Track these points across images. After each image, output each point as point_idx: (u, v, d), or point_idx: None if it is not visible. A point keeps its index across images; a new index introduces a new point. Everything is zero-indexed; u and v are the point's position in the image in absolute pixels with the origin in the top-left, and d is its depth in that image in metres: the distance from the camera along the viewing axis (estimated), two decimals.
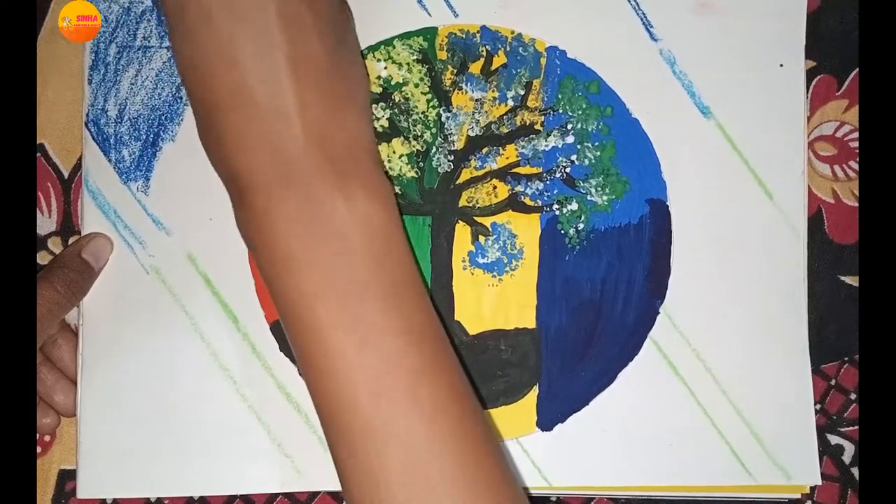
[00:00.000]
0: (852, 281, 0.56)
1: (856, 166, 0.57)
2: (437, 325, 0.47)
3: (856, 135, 0.57)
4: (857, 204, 0.56)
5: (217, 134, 0.45)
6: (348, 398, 0.44)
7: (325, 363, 0.45)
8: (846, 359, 0.56)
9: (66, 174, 0.58)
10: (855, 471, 0.56)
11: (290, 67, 0.44)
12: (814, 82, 0.57)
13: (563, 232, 0.55)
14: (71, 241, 0.57)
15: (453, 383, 0.46)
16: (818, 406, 0.56)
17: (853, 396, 0.56)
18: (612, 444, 0.55)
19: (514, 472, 0.50)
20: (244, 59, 0.44)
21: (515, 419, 0.55)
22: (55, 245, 0.58)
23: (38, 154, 0.58)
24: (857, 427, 0.56)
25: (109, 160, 0.56)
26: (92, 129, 0.56)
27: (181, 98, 0.56)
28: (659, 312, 0.55)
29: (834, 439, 0.56)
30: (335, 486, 0.54)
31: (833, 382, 0.56)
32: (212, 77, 0.44)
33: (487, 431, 0.47)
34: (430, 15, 0.56)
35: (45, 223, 0.58)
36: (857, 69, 0.56)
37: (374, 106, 0.56)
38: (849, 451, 0.56)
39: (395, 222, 0.47)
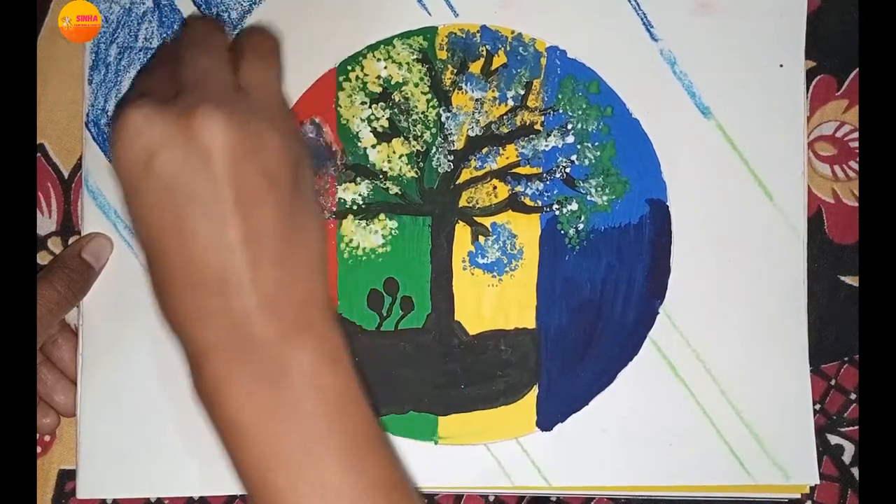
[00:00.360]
0: (852, 281, 0.56)
1: (856, 166, 0.57)
2: (400, 474, 0.47)
3: (856, 135, 0.57)
4: (857, 204, 0.56)
5: (172, 304, 0.45)
6: None
7: None
8: (846, 359, 0.56)
9: (66, 174, 0.58)
10: (855, 471, 0.56)
11: (244, 243, 0.44)
12: (814, 82, 0.57)
13: (562, 232, 0.55)
14: (71, 241, 0.57)
15: None
16: (818, 406, 0.56)
17: (853, 396, 0.56)
18: (612, 444, 0.55)
19: None
20: (199, 237, 0.43)
21: (515, 419, 0.55)
22: (55, 245, 0.58)
23: (39, 154, 0.58)
24: (857, 427, 0.56)
25: (110, 160, 0.56)
26: (92, 130, 0.56)
27: None
28: (658, 312, 0.55)
29: (834, 439, 0.56)
30: None
31: (833, 382, 0.56)
32: (167, 251, 0.44)
33: None
34: (430, 14, 0.56)
35: (45, 223, 0.58)
36: (857, 69, 0.56)
37: (373, 105, 0.56)
38: (849, 451, 0.56)
39: (346, 379, 0.47)
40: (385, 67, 0.56)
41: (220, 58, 0.48)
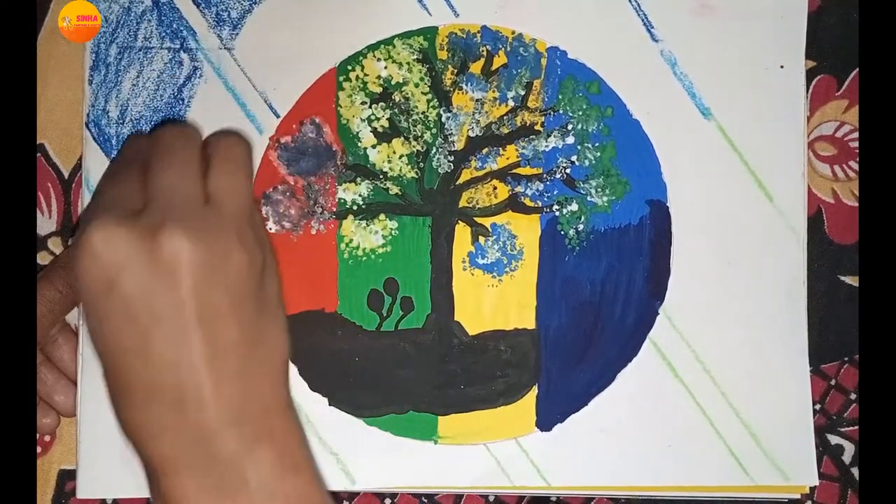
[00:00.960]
0: (852, 281, 0.56)
1: (856, 166, 0.57)
2: None
3: (856, 135, 0.57)
4: (857, 204, 0.56)
5: (130, 418, 0.45)
6: None
7: None
8: (846, 359, 0.57)
9: (66, 174, 0.58)
10: (855, 471, 0.56)
11: (207, 362, 0.43)
12: (814, 82, 0.57)
13: (562, 233, 0.55)
14: (71, 241, 0.57)
15: None
16: (818, 406, 0.56)
17: (853, 396, 0.56)
18: (611, 445, 0.55)
19: None
20: (159, 356, 0.43)
21: (515, 419, 0.55)
22: (55, 245, 0.57)
23: (39, 154, 0.57)
24: (857, 427, 0.56)
25: (110, 160, 0.56)
26: (93, 130, 0.56)
27: (182, 99, 0.56)
28: (658, 313, 0.55)
29: (834, 439, 0.56)
30: (335, 485, 0.54)
31: (833, 382, 0.56)
32: (127, 370, 0.44)
33: None
34: (430, 14, 0.56)
35: (45, 223, 0.58)
36: (857, 69, 0.56)
37: (374, 106, 0.56)
38: (849, 451, 0.56)
39: (308, 486, 0.46)
40: (385, 67, 0.56)
41: (189, 170, 0.47)
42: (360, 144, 0.56)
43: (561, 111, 0.55)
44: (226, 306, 0.44)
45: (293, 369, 0.55)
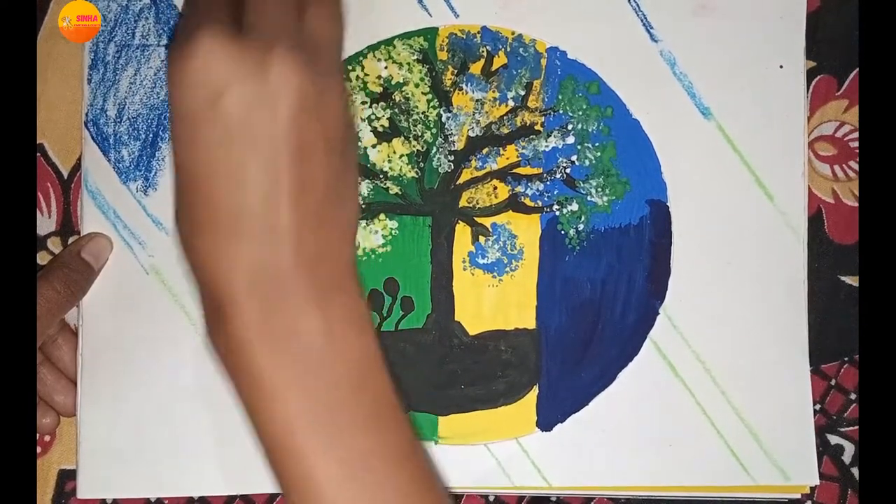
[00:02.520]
0: (852, 281, 0.56)
1: (856, 166, 0.57)
2: (418, 446, 0.47)
3: (856, 135, 0.57)
4: (857, 204, 0.56)
5: (207, 249, 0.44)
6: None
7: (310, 490, 0.44)
8: (846, 359, 0.57)
9: (65, 174, 0.58)
10: (855, 471, 0.56)
11: (292, 195, 0.43)
12: (814, 82, 0.57)
13: (563, 232, 0.55)
14: (71, 241, 0.57)
15: (438, 501, 0.47)
16: (818, 406, 0.56)
17: (853, 396, 0.56)
18: (612, 445, 0.55)
19: None
20: (251, 184, 0.42)
21: (515, 419, 0.55)
22: (55, 245, 0.57)
23: (38, 154, 0.57)
24: (857, 427, 0.56)
25: (109, 160, 0.56)
26: (91, 129, 0.56)
27: None
28: (659, 313, 0.55)
29: (834, 439, 0.56)
30: None
31: (833, 382, 0.56)
32: (213, 193, 0.43)
33: None
34: (430, 15, 0.56)
35: (45, 223, 0.58)
36: (857, 69, 0.56)
37: (374, 105, 0.56)
38: (849, 451, 0.56)
39: (372, 349, 0.46)
40: (385, 67, 0.56)
41: (289, 4, 0.46)
42: (360, 144, 0.56)
43: (561, 111, 0.55)
44: (319, 146, 0.44)
45: None
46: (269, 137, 0.42)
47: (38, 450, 0.57)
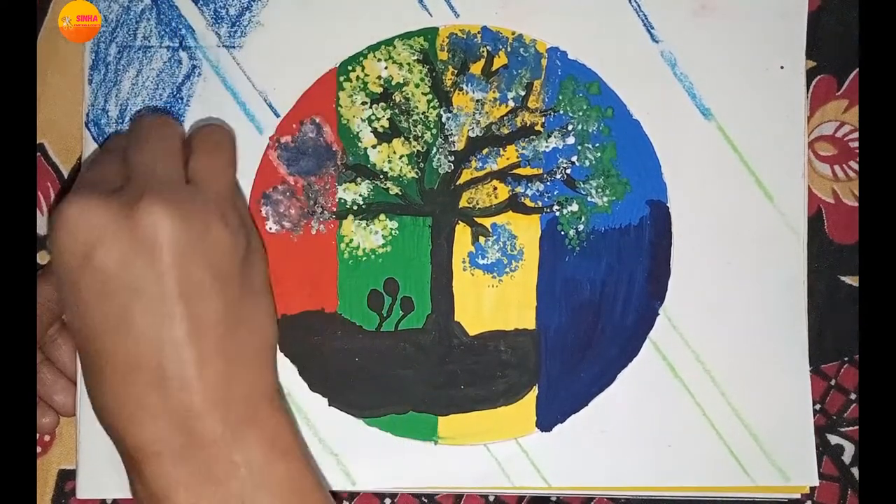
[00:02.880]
0: (852, 281, 0.56)
1: (856, 166, 0.57)
2: None
3: (856, 135, 0.57)
4: (857, 204, 0.56)
5: (109, 402, 0.44)
6: None
7: None
8: (846, 359, 0.56)
9: (65, 174, 0.58)
10: (855, 471, 0.56)
11: (188, 336, 0.43)
12: (814, 82, 0.57)
13: (563, 233, 0.55)
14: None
15: None
16: (818, 406, 0.56)
17: (853, 396, 0.56)
18: (612, 445, 0.55)
19: None
20: (140, 331, 0.43)
21: (515, 420, 0.55)
22: None
23: (38, 154, 0.57)
24: (857, 427, 0.56)
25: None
26: (93, 130, 0.56)
27: (182, 98, 0.56)
28: (658, 314, 0.55)
29: (834, 439, 0.56)
30: (335, 485, 0.54)
31: (833, 382, 0.56)
32: (105, 348, 0.43)
33: None
34: (430, 15, 0.56)
35: (45, 223, 0.57)
36: (857, 69, 0.56)
37: (374, 106, 0.56)
38: (849, 451, 0.56)
39: (300, 470, 0.46)
40: (386, 68, 0.56)
41: (170, 151, 0.47)
42: (360, 144, 0.56)
43: (561, 112, 0.55)
44: (207, 282, 0.44)
45: (293, 369, 0.55)
46: (151, 285, 0.43)
47: (38, 450, 0.57)
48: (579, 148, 0.55)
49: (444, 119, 0.56)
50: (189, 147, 0.49)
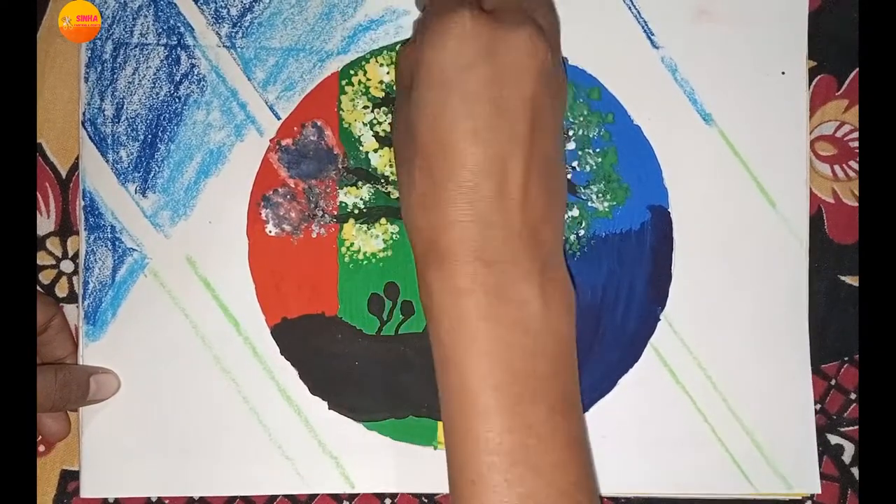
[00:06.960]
0: (852, 281, 0.56)
1: (856, 166, 0.57)
2: (587, 435, 0.50)
3: (856, 135, 0.57)
4: (857, 204, 0.56)
5: (433, 203, 0.46)
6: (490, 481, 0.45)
7: (476, 453, 0.45)
8: (846, 359, 0.57)
9: (63, 174, 0.57)
10: (855, 471, 0.56)
11: (527, 166, 0.46)
12: (814, 82, 0.57)
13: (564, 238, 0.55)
14: (69, 241, 0.57)
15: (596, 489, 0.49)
16: (818, 406, 0.56)
17: (853, 396, 0.56)
18: (612, 451, 0.55)
19: None
20: (492, 147, 0.45)
21: None
22: (54, 245, 0.57)
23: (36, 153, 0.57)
24: (857, 427, 0.56)
25: (107, 160, 0.56)
26: (89, 129, 0.56)
27: (179, 97, 0.56)
28: (659, 319, 0.55)
29: (834, 439, 0.56)
30: (335, 488, 0.54)
31: (833, 382, 0.56)
32: (454, 152, 0.46)
33: None
34: None
35: (44, 223, 0.57)
36: (857, 69, 0.57)
37: (376, 110, 0.56)
38: (849, 451, 0.56)
39: (573, 334, 0.49)
40: (388, 72, 0.56)
41: None
42: (361, 148, 0.56)
43: None
44: (551, 121, 0.48)
45: (293, 373, 0.55)
46: (514, 107, 0.46)
47: (42, 450, 0.56)
48: (580, 153, 0.56)
49: None
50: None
